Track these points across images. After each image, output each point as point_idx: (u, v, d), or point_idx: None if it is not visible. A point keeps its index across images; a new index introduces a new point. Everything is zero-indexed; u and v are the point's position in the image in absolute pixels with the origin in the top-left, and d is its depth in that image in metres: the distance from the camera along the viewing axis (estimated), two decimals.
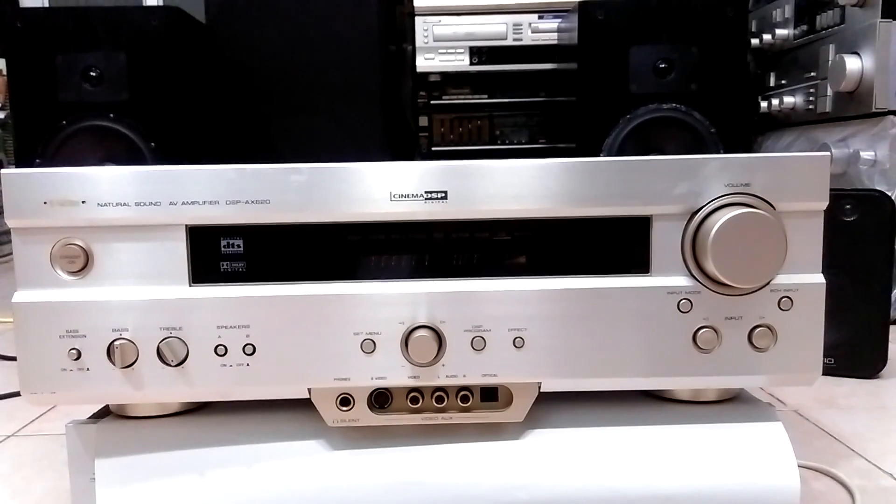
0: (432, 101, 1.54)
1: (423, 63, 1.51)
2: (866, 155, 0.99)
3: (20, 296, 0.45)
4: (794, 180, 0.45)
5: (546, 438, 0.49)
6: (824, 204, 0.46)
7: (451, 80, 1.53)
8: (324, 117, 1.22)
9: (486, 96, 1.53)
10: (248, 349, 0.46)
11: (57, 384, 0.46)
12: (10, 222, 0.45)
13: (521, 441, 0.49)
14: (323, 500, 0.47)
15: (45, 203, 0.44)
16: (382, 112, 1.25)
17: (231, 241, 0.46)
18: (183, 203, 0.45)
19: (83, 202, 0.45)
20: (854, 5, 1.03)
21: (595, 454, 0.49)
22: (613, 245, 0.47)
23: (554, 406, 0.51)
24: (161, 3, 1.39)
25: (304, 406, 0.48)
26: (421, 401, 0.48)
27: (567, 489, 0.48)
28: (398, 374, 0.46)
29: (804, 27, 1.20)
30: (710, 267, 0.44)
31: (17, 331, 0.45)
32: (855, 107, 1.04)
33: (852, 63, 1.01)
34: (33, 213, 0.44)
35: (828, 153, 0.47)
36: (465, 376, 0.47)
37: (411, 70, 1.51)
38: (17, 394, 0.80)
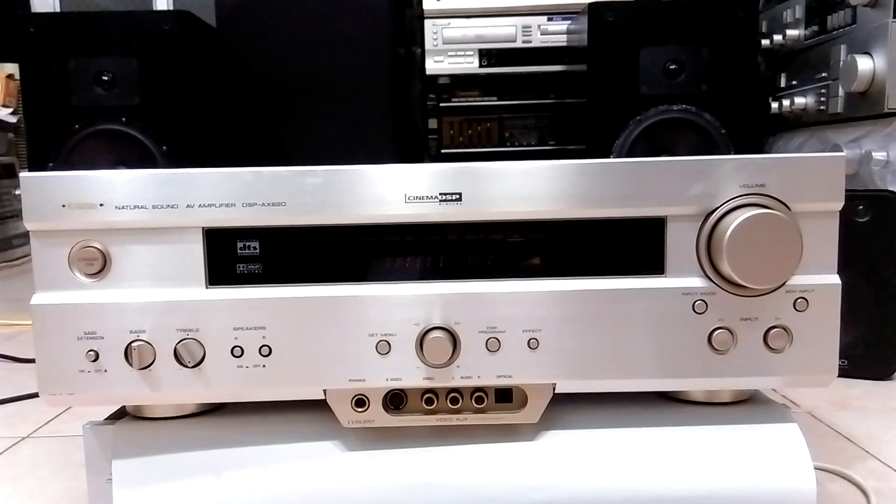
0: (441, 104, 1.54)
1: (433, 65, 1.51)
2: (878, 155, 0.99)
3: (39, 298, 0.46)
4: (809, 181, 0.45)
5: (561, 440, 0.49)
6: (839, 204, 0.46)
7: (460, 82, 1.53)
8: (333, 120, 1.22)
9: (495, 98, 1.53)
10: (265, 350, 0.46)
11: (75, 385, 0.46)
12: (29, 225, 0.45)
13: (535, 442, 0.49)
14: (338, 500, 0.47)
15: (63, 206, 0.45)
16: (392, 115, 1.25)
17: (247, 244, 0.46)
18: (199, 205, 0.45)
19: (101, 205, 0.45)
20: (865, 5, 1.02)
21: (609, 455, 0.49)
22: (628, 246, 0.47)
23: (568, 407, 0.51)
24: (172, 8, 1.40)
25: (319, 407, 0.48)
26: (436, 402, 0.48)
27: (582, 490, 0.48)
28: (413, 376, 0.46)
29: (815, 28, 1.19)
30: (726, 268, 0.44)
31: (36, 333, 0.46)
32: (867, 107, 1.03)
33: (864, 63, 1.00)
34: (52, 216, 0.45)
35: (843, 153, 0.47)
36: (479, 377, 0.47)
37: (420, 73, 1.51)
38: (32, 395, 0.81)
